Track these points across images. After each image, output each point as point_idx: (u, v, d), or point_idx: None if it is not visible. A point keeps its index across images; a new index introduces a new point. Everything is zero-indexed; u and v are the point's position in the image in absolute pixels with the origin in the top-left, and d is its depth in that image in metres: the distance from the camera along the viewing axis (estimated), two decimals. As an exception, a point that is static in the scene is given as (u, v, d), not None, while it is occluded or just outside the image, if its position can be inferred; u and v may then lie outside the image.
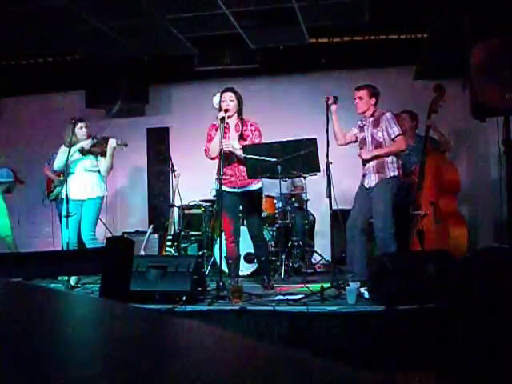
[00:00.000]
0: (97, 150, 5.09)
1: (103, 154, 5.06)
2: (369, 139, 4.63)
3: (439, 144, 5.49)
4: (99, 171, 5.14)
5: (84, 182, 5.07)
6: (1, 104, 8.12)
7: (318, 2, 5.54)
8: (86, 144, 5.07)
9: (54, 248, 6.18)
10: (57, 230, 5.52)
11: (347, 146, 4.90)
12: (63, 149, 5.13)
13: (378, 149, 4.57)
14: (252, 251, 5.18)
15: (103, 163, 5.08)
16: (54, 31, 6.16)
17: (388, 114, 4.55)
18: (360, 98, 4.63)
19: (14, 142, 8.07)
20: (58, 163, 5.17)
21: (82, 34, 6.28)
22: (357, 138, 4.76)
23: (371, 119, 4.62)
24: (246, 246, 5.10)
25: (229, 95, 4.55)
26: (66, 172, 5.05)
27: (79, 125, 5.12)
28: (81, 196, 5.05)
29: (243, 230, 4.92)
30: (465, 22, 4.59)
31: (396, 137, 4.51)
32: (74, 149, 5.01)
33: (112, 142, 5.00)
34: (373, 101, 4.62)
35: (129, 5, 5.57)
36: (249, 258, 5.68)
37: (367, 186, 4.61)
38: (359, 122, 4.77)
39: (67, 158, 4.97)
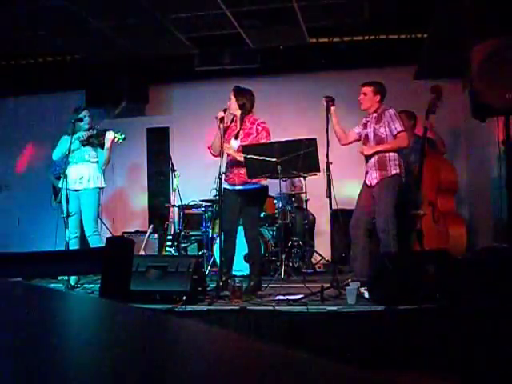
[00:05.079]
0: (95, 141, 5.07)
1: (102, 146, 5.05)
2: (371, 135, 4.60)
3: (436, 144, 5.50)
4: (98, 163, 5.14)
5: (82, 173, 5.06)
6: (1, 104, 8.11)
7: (318, 2, 5.53)
8: (83, 135, 5.07)
9: (55, 248, 6.18)
10: (58, 230, 5.50)
11: (348, 146, 4.89)
12: (64, 137, 5.13)
13: (379, 145, 4.54)
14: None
15: (101, 155, 5.08)
16: (54, 31, 6.16)
17: (391, 110, 4.53)
18: (364, 93, 4.61)
19: (14, 142, 8.08)
20: (57, 152, 5.17)
21: (82, 33, 6.28)
22: (360, 136, 4.73)
23: (374, 115, 4.60)
24: (246, 245, 5.09)
25: (231, 94, 4.57)
26: (65, 162, 5.04)
27: (82, 114, 5.12)
28: (78, 186, 5.05)
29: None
30: (465, 22, 4.60)
31: (398, 133, 4.47)
32: (73, 138, 4.98)
33: (109, 134, 4.99)
34: (377, 98, 4.59)
35: (129, 5, 5.57)
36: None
37: (369, 184, 4.58)
38: (363, 120, 4.75)
39: (68, 147, 4.96)
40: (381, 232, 4.41)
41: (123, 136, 5.06)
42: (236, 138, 4.56)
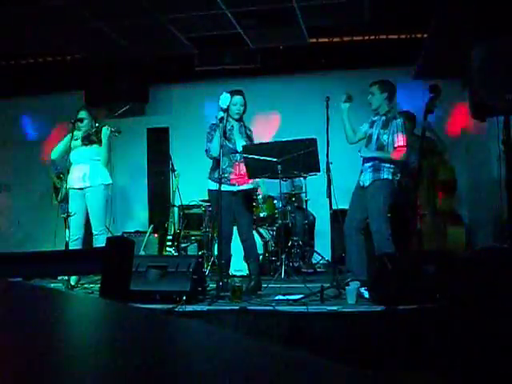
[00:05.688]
0: (94, 138, 5.06)
1: (101, 143, 5.03)
2: (374, 137, 4.58)
3: (435, 144, 5.50)
4: (100, 160, 5.08)
5: (84, 171, 4.99)
6: (1, 104, 8.12)
7: (317, 1, 5.54)
8: (82, 132, 5.04)
9: (55, 248, 6.18)
10: (58, 230, 5.49)
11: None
12: (66, 137, 5.11)
13: (378, 151, 4.53)
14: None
15: (101, 152, 5.05)
16: (54, 31, 6.16)
17: (399, 121, 4.48)
18: (372, 93, 4.61)
19: (14, 142, 8.08)
20: (55, 151, 5.16)
21: (82, 33, 6.28)
22: (366, 134, 4.70)
23: (383, 118, 4.56)
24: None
25: (241, 100, 4.54)
26: (66, 162, 5.03)
27: (81, 114, 5.10)
28: (81, 184, 4.98)
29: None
30: (465, 22, 4.59)
31: (399, 147, 4.44)
32: (73, 137, 4.97)
33: (105, 130, 4.98)
34: (384, 95, 4.56)
35: (129, 5, 5.57)
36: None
37: (362, 185, 4.59)
38: (372, 117, 4.71)
39: (68, 146, 4.95)
40: (374, 233, 4.41)
41: (118, 130, 5.06)
42: (249, 139, 4.58)
